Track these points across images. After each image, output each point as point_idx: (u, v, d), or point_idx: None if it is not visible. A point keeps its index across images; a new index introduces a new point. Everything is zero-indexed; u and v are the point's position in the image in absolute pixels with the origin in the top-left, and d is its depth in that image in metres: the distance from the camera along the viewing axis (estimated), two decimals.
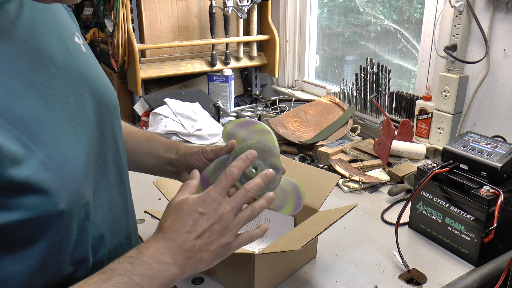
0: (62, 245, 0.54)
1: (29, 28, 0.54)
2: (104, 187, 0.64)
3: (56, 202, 0.51)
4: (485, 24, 1.39)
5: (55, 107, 0.54)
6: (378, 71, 1.75)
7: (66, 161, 0.53)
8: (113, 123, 0.68)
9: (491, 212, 0.95)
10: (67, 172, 0.52)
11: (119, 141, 0.71)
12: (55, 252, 0.54)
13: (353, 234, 1.12)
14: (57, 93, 0.55)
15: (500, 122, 1.43)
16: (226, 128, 0.78)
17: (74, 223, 0.55)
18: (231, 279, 0.91)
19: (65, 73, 0.58)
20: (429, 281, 0.95)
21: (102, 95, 0.65)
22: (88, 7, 2.42)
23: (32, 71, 0.52)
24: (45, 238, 0.52)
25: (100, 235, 0.62)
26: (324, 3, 2.24)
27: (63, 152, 0.53)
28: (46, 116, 0.52)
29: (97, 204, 0.61)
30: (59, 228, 0.53)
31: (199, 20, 2.13)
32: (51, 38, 0.58)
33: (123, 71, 2.03)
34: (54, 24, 0.60)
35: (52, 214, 0.51)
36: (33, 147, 0.49)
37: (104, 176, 0.64)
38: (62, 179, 0.52)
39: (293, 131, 1.69)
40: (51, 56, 0.56)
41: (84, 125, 0.59)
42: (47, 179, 0.50)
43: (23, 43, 0.53)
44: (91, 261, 0.61)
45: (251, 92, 2.41)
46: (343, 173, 1.38)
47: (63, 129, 0.54)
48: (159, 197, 1.23)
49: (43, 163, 0.50)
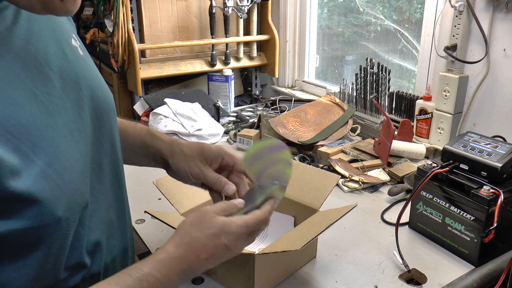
0: (59, 252, 0.54)
1: (26, 34, 0.54)
2: (100, 191, 0.63)
3: (54, 210, 0.51)
4: (485, 24, 1.39)
5: (54, 113, 0.54)
6: (378, 71, 1.75)
7: (65, 169, 0.53)
8: (111, 125, 0.68)
9: (491, 212, 0.95)
10: (65, 179, 0.52)
11: (116, 144, 0.70)
12: (53, 259, 0.54)
13: (353, 234, 1.12)
14: (55, 99, 0.55)
15: (500, 122, 1.43)
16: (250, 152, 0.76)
17: (71, 230, 0.55)
18: (231, 279, 0.91)
19: (62, 78, 0.58)
20: (429, 281, 0.95)
21: (99, 98, 0.65)
22: (88, 7, 2.42)
23: (30, 78, 0.52)
24: (43, 246, 0.51)
25: (96, 240, 0.62)
26: (324, 3, 2.24)
27: (62, 159, 0.53)
28: (45, 123, 0.52)
29: (93, 208, 0.61)
30: (57, 235, 0.52)
31: (199, 20, 2.13)
32: (48, 43, 0.57)
33: (123, 71, 2.03)
34: (51, 27, 0.60)
35: (50, 222, 0.51)
36: (33, 156, 0.49)
37: (99, 180, 0.64)
38: (60, 187, 0.51)
39: (293, 131, 1.69)
40: (48, 62, 0.56)
41: (81, 130, 0.59)
42: (46, 188, 0.50)
43: (20, 50, 0.52)
44: (88, 265, 0.60)
45: (251, 92, 2.41)
46: (343, 173, 1.38)
47: (62, 135, 0.54)
48: (159, 197, 1.22)
49: (42, 172, 0.50)
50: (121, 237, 0.71)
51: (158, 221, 0.87)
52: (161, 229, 1.11)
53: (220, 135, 1.75)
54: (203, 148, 0.80)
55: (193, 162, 0.79)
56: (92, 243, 0.61)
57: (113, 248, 0.68)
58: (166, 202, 1.01)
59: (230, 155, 0.80)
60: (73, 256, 0.57)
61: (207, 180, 0.78)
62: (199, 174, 0.78)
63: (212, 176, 0.78)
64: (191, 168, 0.78)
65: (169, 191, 1.01)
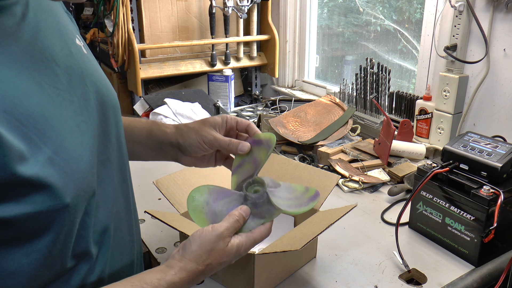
0: (67, 238, 0.56)
1: (33, 30, 0.56)
2: (107, 183, 0.65)
3: (62, 197, 0.52)
4: (485, 24, 1.39)
5: (60, 105, 0.56)
6: (378, 71, 1.75)
7: (72, 158, 0.55)
8: (116, 121, 0.70)
9: (491, 212, 0.95)
10: (73, 167, 0.54)
11: (121, 139, 0.72)
12: (60, 245, 0.55)
13: (353, 234, 1.12)
14: (61, 92, 0.57)
15: (500, 122, 1.43)
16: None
17: (78, 217, 0.56)
18: (231, 279, 0.91)
19: (68, 73, 0.59)
20: (429, 281, 0.95)
21: (104, 94, 0.67)
22: (88, 7, 2.42)
23: (37, 71, 0.54)
24: (51, 232, 0.53)
25: (104, 229, 0.64)
26: (324, 3, 2.24)
27: (69, 148, 0.55)
28: (52, 114, 0.54)
29: (100, 199, 0.62)
30: (65, 222, 0.54)
31: (199, 20, 2.13)
32: (54, 40, 0.59)
33: (123, 71, 2.03)
34: (56, 27, 0.62)
35: (59, 208, 0.52)
36: (41, 143, 0.51)
37: (107, 172, 0.65)
38: (68, 174, 0.53)
39: (293, 131, 1.69)
40: (55, 57, 0.58)
41: (87, 123, 0.60)
42: (54, 174, 0.51)
43: (28, 44, 0.54)
44: (94, 255, 0.62)
45: (251, 92, 2.41)
46: (343, 173, 1.38)
47: (68, 126, 0.56)
48: (159, 197, 1.23)
49: (49, 159, 0.51)
50: (128, 230, 0.72)
51: (158, 221, 0.87)
52: (161, 229, 1.11)
53: None
54: (207, 119, 0.84)
55: (204, 130, 0.82)
56: (99, 233, 0.63)
57: (120, 241, 0.69)
58: (166, 202, 1.01)
59: (231, 117, 0.84)
60: (80, 244, 0.59)
61: (220, 144, 0.81)
62: (212, 139, 0.81)
63: (224, 139, 0.81)
64: (203, 136, 0.81)
65: (169, 191, 1.01)
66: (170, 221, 0.85)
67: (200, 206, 0.72)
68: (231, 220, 0.68)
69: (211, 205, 0.73)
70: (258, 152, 0.79)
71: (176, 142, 0.84)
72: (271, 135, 0.79)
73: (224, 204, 0.73)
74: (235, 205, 0.72)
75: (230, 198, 0.74)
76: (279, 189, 0.74)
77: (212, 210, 0.72)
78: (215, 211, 0.72)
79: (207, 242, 0.65)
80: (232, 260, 0.68)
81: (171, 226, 0.83)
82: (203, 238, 0.65)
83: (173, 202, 0.99)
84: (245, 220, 0.70)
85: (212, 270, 0.66)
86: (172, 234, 1.09)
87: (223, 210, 0.72)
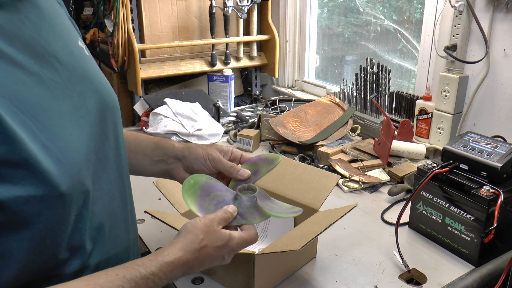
0: (60, 228, 0.56)
1: (36, 26, 0.57)
2: (104, 180, 0.66)
3: (57, 184, 0.53)
4: (485, 24, 1.39)
5: (59, 99, 0.57)
6: (378, 71, 1.75)
7: (68, 148, 0.56)
8: (115, 121, 0.70)
9: (491, 212, 0.95)
10: (68, 157, 0.55)
11: (120, 140, 0.72)
12: (53, 234, 0.56)
13: (353, 234, 1.12)
14: (61, 86, 0.58)
15: (500, 122, 1.43)
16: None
17: (73, 208, 0.57)
18: (231, 279, 0.91)
19: (69, 70, 0.61)
20: (429, 281, 0.95)
21: (104, 94, 0.68)
22: (88, 7, 2.42)
23: (38, 65, 0.56)
24: (44, 219, 0.54)
25: (99, 226, 0.64)
26: (324, 3, 2.24)
27: (65, 139, 0.56)
28: (50, 105, 0.55)
29: (97, 195, 0.63)
30: (59, 210, 0.55)
31: (199, 20, 2.13)
32: (56, 39, 0.61)
33: (123, 71, 2.03)
34: (59, 27, 0.63)
35: (53, 195, 0.53)
36: (37, 131, 0.52)
37: (104, 170, 0.66)
38: (63, 163, 0.54)
39: (293, 131, 1.69)
40: (56, 54, 0.59)
41: (86, 119, 0.61)
42: (49, 161, 0.53)
43: (30, 38, 0.56)
44: (89, 251, 0.62)
45: (251, 92, 2.41)
46: (343, 173, 1.38)
47: (66, 119, 0.57)
48: (159, 197, 1.23)
49: (44, 146, 0.53)
50: (124, 228, 0.73)
51: (158, 221, 0.87)
52: (161, 229, 1.11)
53: (220, 135, 1.75)
54: (215, 144, 0.93)
55: (211, 150, 0.88)
56: (94, 228, 0.63)
57: (116, 239, 0.69)
58: (166, 202, 1.01)
59: (237, 150, 0.90)
60: (76, 237, 0.59)
61: (223, 165, 0.86)
62: (217, 159, 0.86)
63: (227, 162, 0.86)
64: (209, 154, 0.86)
65: (169, 191, 1.01)
66: (170, 221, 0.85)
67: (193, 189, 0.79)
68: (220, 212, 0.73)
69: (204, 191, 0.79)
70: (261, 166, 0.86)
71: (182, 155, 0.88)
72: (278, 156, 0.87)
73: (215, 196, 0.79)
74: (225, 200, 0.78)
75: (223, 192, 0.80)
76: (269, 201, 0.80)
77: (202, 196, 0.79)
78: (205, 199, 0.78)
79: (202, 225, 0.69)
80: (225, 253, 0.70)
81: (171, 226, 0.83)
82: (196, 223, 0.69)
83: (173, 202, 0.99)
84: (233, 217, 0.75)
85: (207, 256, 0.67)
86: (172, 234, 1.09)
87: (213, 201, 0.78)
